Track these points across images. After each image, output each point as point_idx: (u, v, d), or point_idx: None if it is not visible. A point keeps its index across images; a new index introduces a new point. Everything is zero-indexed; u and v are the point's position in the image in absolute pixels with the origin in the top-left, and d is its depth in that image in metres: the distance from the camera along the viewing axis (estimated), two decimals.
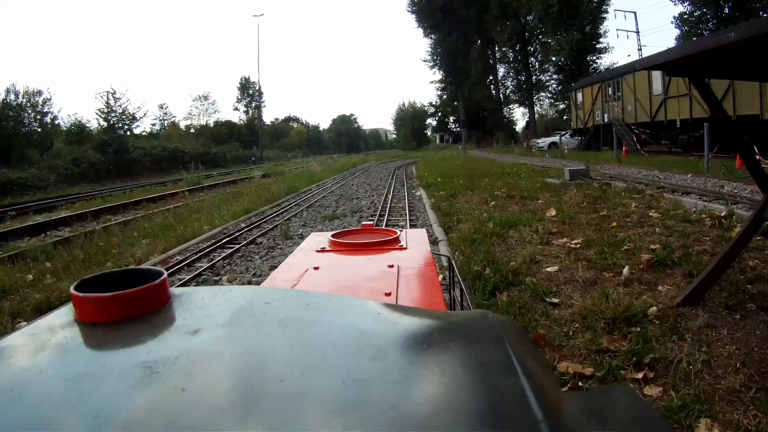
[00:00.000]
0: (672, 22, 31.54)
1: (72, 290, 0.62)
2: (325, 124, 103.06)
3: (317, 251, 1.68)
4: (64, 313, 0.64)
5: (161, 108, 58.65)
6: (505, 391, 0.50)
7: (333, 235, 1.81)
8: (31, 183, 22.18)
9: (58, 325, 0.61)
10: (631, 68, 24.33)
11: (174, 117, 56.80)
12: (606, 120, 25.59)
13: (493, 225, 6.61)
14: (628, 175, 12.15)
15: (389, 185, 15.24)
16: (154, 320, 0.62)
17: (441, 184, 12.93)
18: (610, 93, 25.85)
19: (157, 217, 9.90)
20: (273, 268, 5.12)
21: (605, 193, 8.95)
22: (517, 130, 55.74)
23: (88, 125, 32.42)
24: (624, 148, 19.36)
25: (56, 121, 31.25)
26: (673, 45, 31.72)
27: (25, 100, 28.88)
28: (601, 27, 40.53)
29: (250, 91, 65.03)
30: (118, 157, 27.96)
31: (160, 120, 55.15)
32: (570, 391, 0.75)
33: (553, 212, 7.20)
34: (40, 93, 31.28)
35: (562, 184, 10.28)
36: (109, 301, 0.61)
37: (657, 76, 21.04)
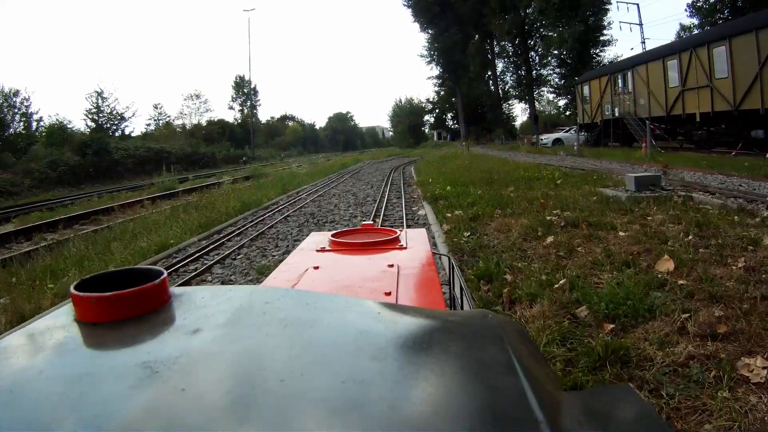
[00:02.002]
0: (686, 10, 30.44)
1: (72, 290, 0.62)
2: (321, 122, 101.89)
3: (317, 251, 1.68)
4: (64, 313, 0.63)
5: (156, 108, 57.08)
6: (506, 391, 0.50)
7: (333, 235, 1.81)
8: (2, 189, 20.62)
9: (58, 324, 0.61)
10: (643, 58, 22.90)
11: (169, 117, 55.47)
12: (617, 114, 24.07)
13: (591, 311, 3.43)
14: (699, 182, 9.64)
15: (381, 196, 11.85)
16: (154, 320, 0.62)
17: (452, 197, 9.39)
18: (620, 85, 24.33)
19: (68, 248, 7.21)
20: None
21: (702, 214, 5.97)
22: (516, 126, 54.54)
23: (69, 126, 30.90)
24: (644, 145, 17.90)
25: (41, 123, 29.85)
26: (675, 38, 30.58)
27: (1, 101, 27.39)
28: (604, 18, 39.25)
29: (245, 90, 63.72)
30: (98, 159, 26.33)
31: (155, 120, 53.79)
32: (570, 391, 0.69)
33: (671, 265, 4.12)
34: (17, 93, 29.83)
35: (630, 198, 7.31)
36: (109, 300, 0.60)
37: (674, 66, 19.59)
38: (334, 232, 1.88)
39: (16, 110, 29.29)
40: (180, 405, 0.45)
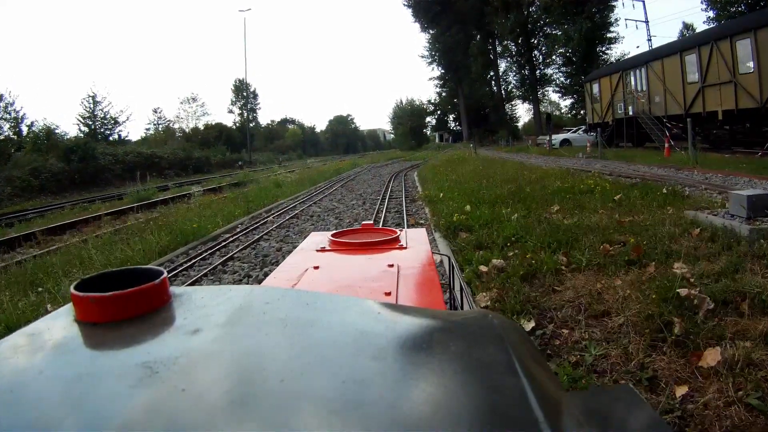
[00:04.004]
0: (702, 2, 29.19)
1: (72, 290, 0.62)
2: (322, 125, 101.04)
3: (317, 251, 1.68)
4: (64, 313, 0.63)
5: (156, 112, 55.97)
6: (506, 391, 0.51)
7: (333, 235, 1.82)
8: None
9: (58, 325, 0.61)
10: (658, 53, 21.61)
11: (169, 121, 54.49)
12: (630, 113, 22.73)
13: None
14: None
15: (374, 221, 8.58)
16: (154, 320, 0.62)
17: (477, 225, 6.59)
18: (633, 83, 23.01)
19: None
20: None
21: None
22: (519, 127, 53.60)
23: (57, 131, 29.81)
24: (666, 145, 16.59)
25: (32, 128, 28.85)
26: (678, 36, 29.28)
27: None
28: (611, 15, 38.08)
29: (245, 94, 62.88)
30: (84, 165, 25.12)
31: (154, 124, 52.92)
32: (570, 392, 0.69)
33: None
34: (1, 97, 28.88)
35: (754, 232, 4.92)
36: (109, 300, 0.60)
37: (692, 61, 18.30)
38: (334, 231, 1.88)
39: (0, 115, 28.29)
40: (180, 405, 0.44)
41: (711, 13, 28.27)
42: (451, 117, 61.60)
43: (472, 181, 12.02)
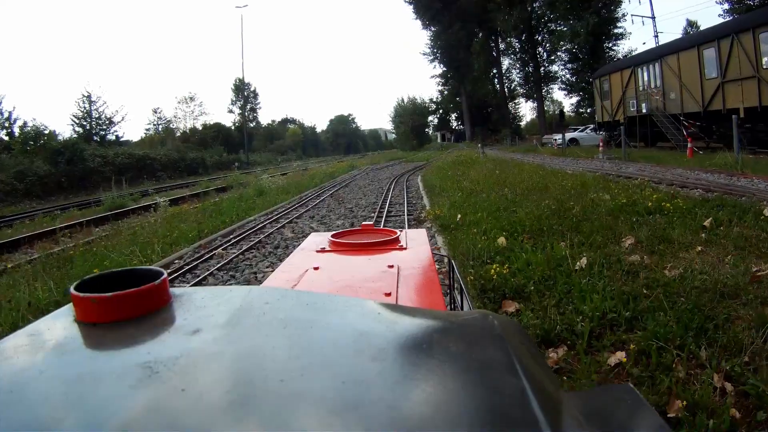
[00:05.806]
0: None
1: (72, 290, 0.61)
2: (322, 125, 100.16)
3: (317, 251, 1.68)
4: (64, 313, 0.63)
5: (155, 112, 54.89)
6: (506, 391, 0.50)
7: (333, 235, 1.80)
8: None
9: (58, 325, 0.61)
10: (673, 47, 20.49)
11: (168, 121, 53.52)
12: (644, 111, 21.58)
13: None
14: None
15: None
16: (154, 320, 0.62)
17: (529, 282, 4.12)
18: (646, 78, 21.86)
19: None
20: None
21: None
22: (521, 126, 52.62)
23: (48, 131, 28.75)
24: (689, 145, 15.50)
25: (25, 129, 27.87)
26: (682, 33, 28.14)
27: None
28: (618, 10, 37.10)
29: (246, 93, 61.99)
30: (71, 167, 24.06)
31: (154, 125, 52.04)
32: (570, 391, 0.73)
33: None
34: None
35: None
36: (109, 301, 0.60)
37: (711, 55, 17.20)
38: (334, 232, 1.87)
39: None
40: (180, 405, 0.44)
41: (726, 5, 27.38)
42: (453, 116, 60.52)
43: (490, 191, 9.87)
